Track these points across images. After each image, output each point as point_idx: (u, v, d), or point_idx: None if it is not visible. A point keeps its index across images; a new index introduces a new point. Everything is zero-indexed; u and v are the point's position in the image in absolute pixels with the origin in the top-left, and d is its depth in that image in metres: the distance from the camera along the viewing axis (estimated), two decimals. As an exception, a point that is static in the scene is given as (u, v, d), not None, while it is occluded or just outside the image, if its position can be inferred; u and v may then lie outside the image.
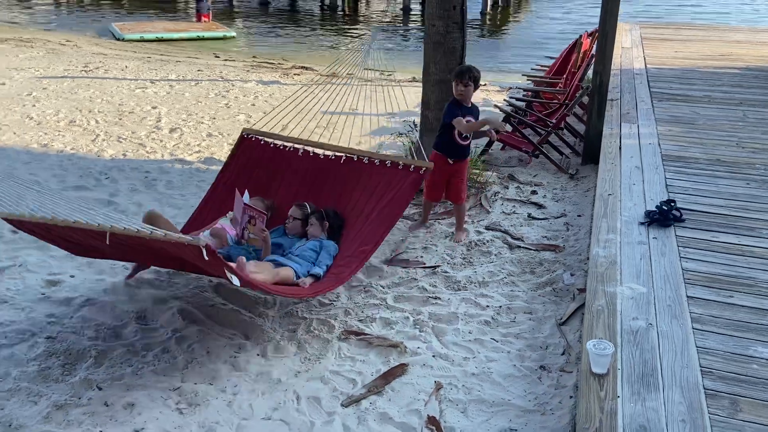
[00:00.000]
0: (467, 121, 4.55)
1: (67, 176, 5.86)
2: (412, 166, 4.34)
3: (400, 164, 4.38)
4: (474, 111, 4.67)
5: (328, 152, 4.71)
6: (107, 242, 2.67)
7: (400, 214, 4.26)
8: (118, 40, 14.52)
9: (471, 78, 4.50)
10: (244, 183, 4.70)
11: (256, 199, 4.55)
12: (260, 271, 3.63)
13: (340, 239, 4.24)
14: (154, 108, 8.30)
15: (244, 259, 3.51)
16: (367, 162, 4.52)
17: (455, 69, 4.74)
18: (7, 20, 17.15)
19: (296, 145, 4.78)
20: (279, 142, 4.86)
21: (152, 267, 4.17)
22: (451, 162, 4.69)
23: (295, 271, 3.80)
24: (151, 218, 4.12)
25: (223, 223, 4.39)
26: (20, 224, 3.42)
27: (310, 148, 4.76)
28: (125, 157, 6.50)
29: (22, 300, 3.82)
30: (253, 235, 4.07)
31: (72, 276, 4.10)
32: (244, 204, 4.12)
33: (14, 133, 7.05)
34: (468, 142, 4.73)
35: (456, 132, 4.59)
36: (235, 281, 3.02)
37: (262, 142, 4.87)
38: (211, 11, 17.04)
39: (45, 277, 4.06)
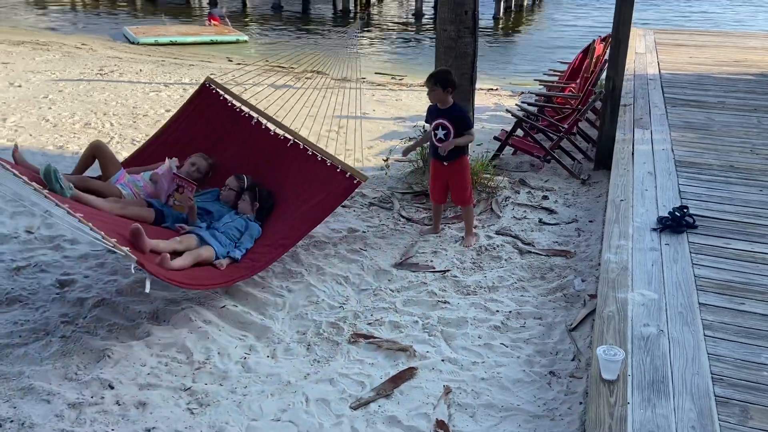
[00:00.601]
0: (438, 124, 4.52)
1: (82, 178, 5.92)
2: (348, 173, 4.37)
3: (339, 168, 4.42)
4: (448, 113, 4.48)
5: (279, 131, 4.73)
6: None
7: (324, 217, 4.32)
8: (133, 43, 14.67)
9: (435, 81, 4.44)
10: (194, 134, 4.73)
11: (198, 156, 4.62)
12: (184, 248, 3.85)
13: (266, 221, 4.36)
14: (168, 111, 8.36)
15: (168, 256, 3.60)
16: (310, 154, 4.55)
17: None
18: (24, 23, 17.38)
19: (252, 113, 4.79)
20: (237, 104, 4.86)
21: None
22: (445, 164, 4.66)
23: (215, 252, 3.99)
24: (95, 148, 4.51)
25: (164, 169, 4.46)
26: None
27: (263, 120, 4.77)
28: (139, 159, 6.56)
29: (37, 300, 3.86)
30: (178, 202, 4.18)
31: (86, 276, 4.14)
32: (174, 173, 4.22)
33: (30, 135, 7.14)
34: (444, 144, 4.49)
35: (432, 133, 4.60)
36: (147, 289, 3.20)
37: (221, 98, 4.88)
38: (225, 18, 17.13)
39: (59, 277, 4.10)
